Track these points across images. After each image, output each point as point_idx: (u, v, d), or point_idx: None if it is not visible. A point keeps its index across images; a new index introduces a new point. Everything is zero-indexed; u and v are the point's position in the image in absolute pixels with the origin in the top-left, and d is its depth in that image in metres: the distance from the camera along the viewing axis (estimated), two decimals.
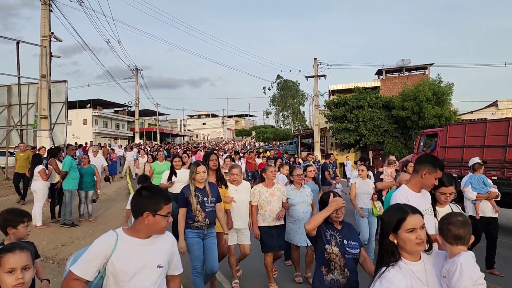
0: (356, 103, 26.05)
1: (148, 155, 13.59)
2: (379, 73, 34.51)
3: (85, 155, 8.88)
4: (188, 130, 72.79)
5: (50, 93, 12.35)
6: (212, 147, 27.96)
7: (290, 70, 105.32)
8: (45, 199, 7.66)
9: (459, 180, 6.35)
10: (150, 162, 9.66)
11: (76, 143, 18.34)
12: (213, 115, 78.21)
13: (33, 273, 1.76)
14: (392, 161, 7.13)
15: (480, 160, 5.89)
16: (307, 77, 26.72)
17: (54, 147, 9.73)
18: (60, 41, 12.98)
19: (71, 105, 32.94)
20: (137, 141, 32.39)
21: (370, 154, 19.26)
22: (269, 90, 56.07)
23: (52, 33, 12.63)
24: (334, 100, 28.25)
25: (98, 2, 50.95)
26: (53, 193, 7.92)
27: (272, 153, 15.79)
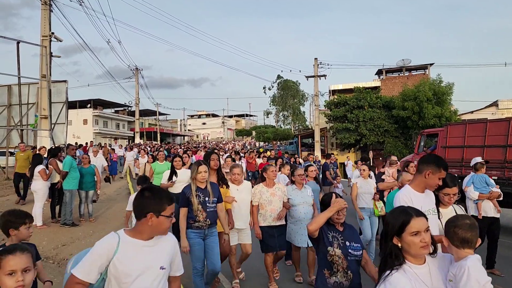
0: (357, 103, 26.04)
1: (148, 155, 13.60)
2: (379, 73, 34.51)
3: (86, 155, 8.87)
4: (189, 130, 72.76)
5: (50, 93, 12.34)
6: (212, 147, 27.93)
7: (290, 70, 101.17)
8: (45, 199, 7.66)
9: (460, 180, 6.33)
10: (150, 163, 9.66)
11: (77, 143, 18.29)
12: (214, 115, 78.18)
13: (34, 275, 1.74)
14: (394, 162, 7.10)
15: (482, 159, 5.87)
16: (307, 77, 26.71)
17: (54, 147, 9.73)
18: (60, 41, 12.97)
19: (72, 105, 32.93)
20: (138, 141, 32.37)
21: (370, 154, 19.19)
22: (269, 90, 56.19)
23: (52, 33, 12.61)
24: (335, 100, 28.24)
25: (98, 2, 51.01)
26: (54, 193, 7.92)
27: (273, 153, 15.74)
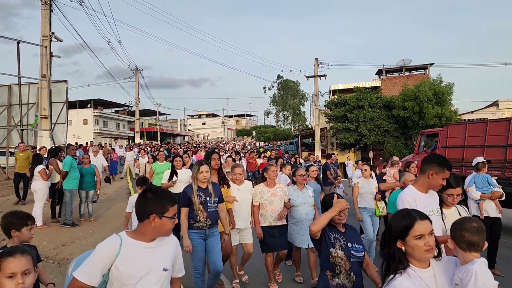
0: (357, 103, 26.02)
1: (148, 155, 13.57)
2: (379, 73, 34.49)
3: (86, 155, 8.86)
4: (189, 130, 72.77)
5: (50, 93, 12.31)
6: (212, 147, 27.93)
7: (290, 70, 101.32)
8: (45, 199, 7.65)
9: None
10: (150, 163, 9.65)
11: (77, 143, 18.29)
12: (214, 115, 78.19)
13: (34, 277, 1.72)
14: (396, 162, 7.09)
15: (483, 159, 5.86)
16: (307, 77, 26.68)
17: (54, 147, 9.73)
18: (60, 41, 12.94)
19: (72, 105, 32.92)
20: (138, 141, 32.38)
21: (370, 154, 19.18)
22: (269, 90, 56.22)
23: (53, 33, 12.59)
24: (335, 100, 28.22)
25: (99, 2, 50.89)
26: (54, 193, 7.92)
27: (273, 153, 15.71)
